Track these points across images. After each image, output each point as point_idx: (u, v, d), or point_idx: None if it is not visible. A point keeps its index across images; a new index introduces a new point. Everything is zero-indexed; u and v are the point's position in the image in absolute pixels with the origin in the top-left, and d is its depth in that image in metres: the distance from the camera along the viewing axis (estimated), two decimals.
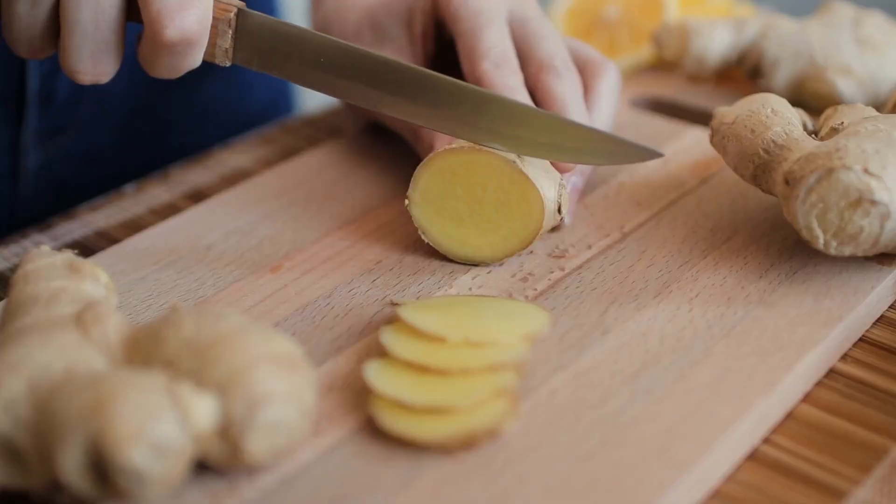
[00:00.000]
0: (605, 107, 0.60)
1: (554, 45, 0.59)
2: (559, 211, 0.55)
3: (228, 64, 0.55)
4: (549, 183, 0.54)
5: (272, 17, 0.54)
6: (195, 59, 0.53)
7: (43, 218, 0.68)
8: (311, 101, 0.57)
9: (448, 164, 0.55)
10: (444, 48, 0.63)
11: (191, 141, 0.79)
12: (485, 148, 0.54)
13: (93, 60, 0.52)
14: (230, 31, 0.54)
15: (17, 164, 0.73)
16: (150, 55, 0.52)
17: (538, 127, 0.53)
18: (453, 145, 0.55)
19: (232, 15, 0.54)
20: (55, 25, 0.52)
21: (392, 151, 0.67)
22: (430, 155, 0.55)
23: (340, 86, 0.54)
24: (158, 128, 0.79)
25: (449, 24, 0.60)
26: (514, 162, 0.53)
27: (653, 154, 0.54)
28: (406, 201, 0.56)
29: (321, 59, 0.54)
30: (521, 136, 0.53)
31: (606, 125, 0.60)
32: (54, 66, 0.71)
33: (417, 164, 0.57)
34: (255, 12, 0.54)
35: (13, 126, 0.72)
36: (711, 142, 0.59)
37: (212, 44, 0.54)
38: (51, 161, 0.74)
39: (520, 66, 0.59)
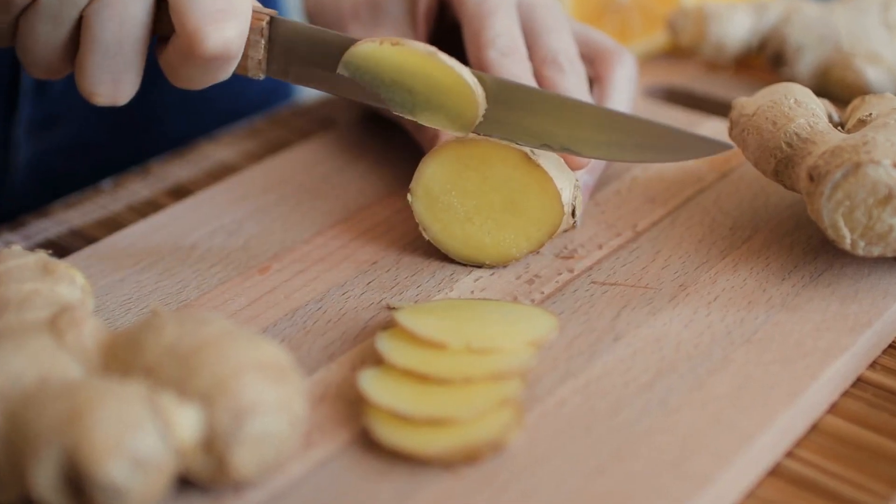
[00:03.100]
0: (621, 99, 0.61)
1: (559, 38, 0.59)
2: (573, 214, 0.55)
3: (262, 77, 0.55)
4: (566, 183, 0.54)
5: (307, 24, 0.54)
6: (228, 72, 0.53)
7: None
8: (309, 90, 0.57)
9: (457, 155, 0.54)
10: (447, 32, 0.63)
11: (187, 132, 0.79)
12: (499, 140, 0.54)
13: (114, 82, 0.52)
14: (263, 41, 0.54)
15: (6, 157, 0.73)
16: (179, 66, 0.52)
17: (594, 124, 0.52)
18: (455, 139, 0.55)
19: (264, 24, 0.54)
20: (75, 44, 0.52)
21: (389, 143, 0.67)
22: (438, 145, 0.55)
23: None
24: (153, 118, 0.79)
25: (454, 6, 0.60)
26: (530, 155, 0.53)
27: (722, 146, 0.52)
28: (409, 196, 0.56)
29: None
30: (577, 135, 0.53)
31: None
32: None
33: (417, 156, 0.57)
34: (289, 20, 0.54)
35: (4, 117, 0.72)
36: (730, 135, 0.59)
37: (244, 55, 0.53)
38: (41, 153, 0.74)
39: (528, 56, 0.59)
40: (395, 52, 0.52)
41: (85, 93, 0.53)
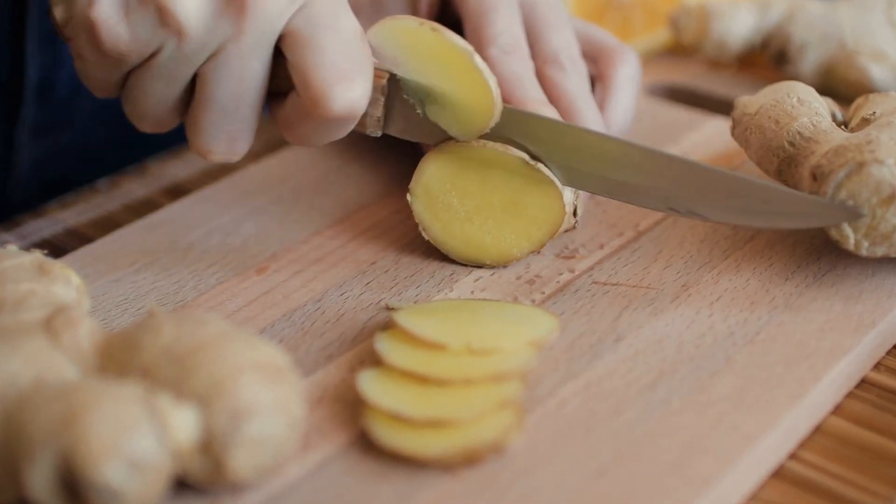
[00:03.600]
0: (623, 98, 0.61)
1: (560, 36, 0.59)
2: (574, 214, 0.55)
3: (379, 134, 0.55)
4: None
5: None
6: (347, 131, 0.53)
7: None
8: None
9: (458, 155, 0.55)
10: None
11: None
12: (497, 146, 0.54)
13: (229, 140, 0.52)
14: (382, 100, 0.54)
15: (9, 160, 0.73)
16: (298, 124, 0.52)
17: (724, 191, 0.52)
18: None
19: (384, 82, 0.54)
20: (187, 101, 0.52)
21: (388, 143, 0.67)
22: (438, 145, 0.55)
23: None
24: None
25: (455, 2, 0.60)
26: (529, 161, 0.54)
27: (854, 214, 0.51)
28: (408, 196, 0.56)
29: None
30: (708, 200, 0.52)
31: (626, 117, 0.60)
32: (55, 59, 0.71)
33: (416, 156, 0.57)
34: (406, 78, 0.54)
35: (8, 120, 0.72)
36: (733, 134, 0.59)
37: (363, 113, 0.53)
38: (44, 157, 0.74)
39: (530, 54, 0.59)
40: (433, 38, 0.52)
41: (199, 150, 0.53)
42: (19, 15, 0.69)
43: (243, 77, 0.51)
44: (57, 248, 0.61)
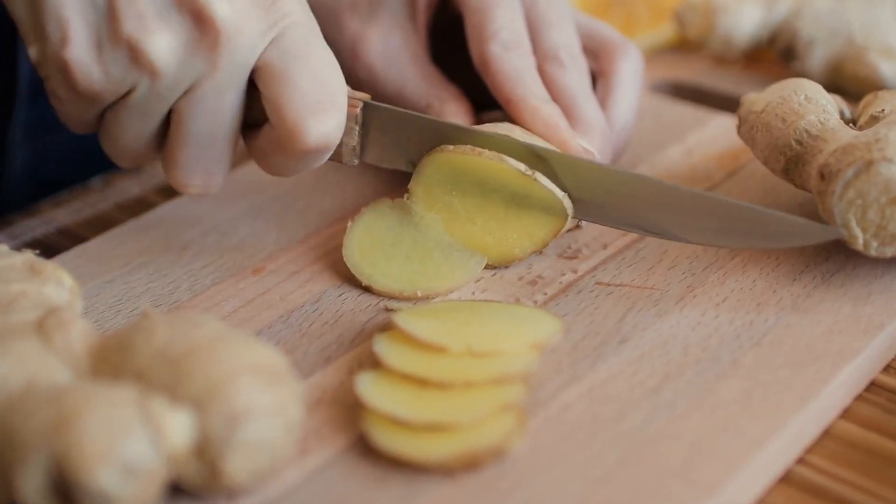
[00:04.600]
0: (625, 94, 0.60)
1: (561, 32, 0.59)
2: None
3: (356, 163, 0.56)
4: None
5: (399, 109, 0.55)
6: (322, 162, 0.54)
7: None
8: None
9: (456, 161, 0.54)
10: (448, 25, 0.63)
11: None
12: (493, 156, 0.54)
13: (206, 173, 0.53)
14: (357, 128, 0.55)
15: (2, 160, 0.73)
16: (273, 156, 0.53)
17: (700, 211, 0.53)
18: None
19: (358, 110, 0.54)
20: (163, 136, 0.53)
21: None
22: (436, 151, 0.55)
23: None
24: None
25: None
26: (527, 173, 0.54)
27: (833, 234, 0.52)
28: (406, 196, 0.56)
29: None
30: (683, 221, 0.53)
31: (628, 114, 0.60)
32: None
33: None
34: (382, 105, 0.55)
35: (1, 120, 0.72)
36: (739, 132, 0.59)
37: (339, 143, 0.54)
38: (37, 157, 0.74)
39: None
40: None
41: (176, 184, 0.54)
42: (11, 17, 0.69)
43: (218, 112, 0.51)
44: (49, 247, 0.61)
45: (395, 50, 0.61)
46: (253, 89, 0.52)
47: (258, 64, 0.51)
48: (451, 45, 0.62)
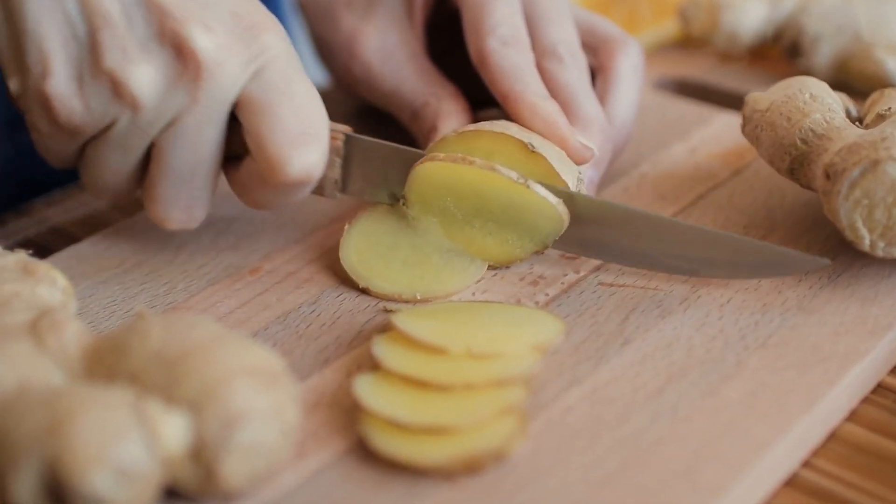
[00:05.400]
0: (625, 90, 0.60)
1: (560, 28, 0.59)
2: None
3: (338, 196, 0.56)
4: (569, 177, 0.54)
5: (381, 142, 0.55)
6: (304, 195, 0.54)
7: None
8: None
9: (449, 172, 0.54)
10: (446, 20, 0.63)
11: None
12: (485, 164, 0.54)
13: (187, 207, 0.54)
14: (339, 161, 0.55)
15: None
16: (254, 189, 0.53)
17: (684, 241, 0.53)
18: (454, 133, 0.55)
19: (340, 143, 0.55)
20: (143, 170, 0.53)
21: (385, 139, 0.66)
22: (427, 160, 0.55)
23: None
24: None
25: None
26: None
27: (818, 263, 0.53)
28: (401, 201, 0.56)
29: None
30: (667, 251, 0.54)
31: (628, 110, 0.60)
32: None
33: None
34: (363, 137, 0.55)
35: None
36: (743, 131, 0.59)
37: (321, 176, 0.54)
38: (17, 155, 0.74)
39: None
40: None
41: (156, 219, 0.54)
42: None
43: (199, 145, 0.52)
44: (42, 247, 0.61)
45: (392, 47, 0.61)
46: (234, 122, 0.52)
47: (240, 97, 0.51)
48: (448, 42, 0.62)
